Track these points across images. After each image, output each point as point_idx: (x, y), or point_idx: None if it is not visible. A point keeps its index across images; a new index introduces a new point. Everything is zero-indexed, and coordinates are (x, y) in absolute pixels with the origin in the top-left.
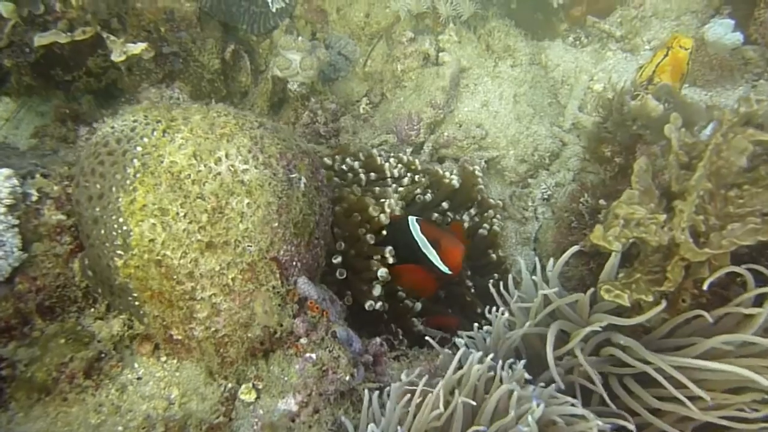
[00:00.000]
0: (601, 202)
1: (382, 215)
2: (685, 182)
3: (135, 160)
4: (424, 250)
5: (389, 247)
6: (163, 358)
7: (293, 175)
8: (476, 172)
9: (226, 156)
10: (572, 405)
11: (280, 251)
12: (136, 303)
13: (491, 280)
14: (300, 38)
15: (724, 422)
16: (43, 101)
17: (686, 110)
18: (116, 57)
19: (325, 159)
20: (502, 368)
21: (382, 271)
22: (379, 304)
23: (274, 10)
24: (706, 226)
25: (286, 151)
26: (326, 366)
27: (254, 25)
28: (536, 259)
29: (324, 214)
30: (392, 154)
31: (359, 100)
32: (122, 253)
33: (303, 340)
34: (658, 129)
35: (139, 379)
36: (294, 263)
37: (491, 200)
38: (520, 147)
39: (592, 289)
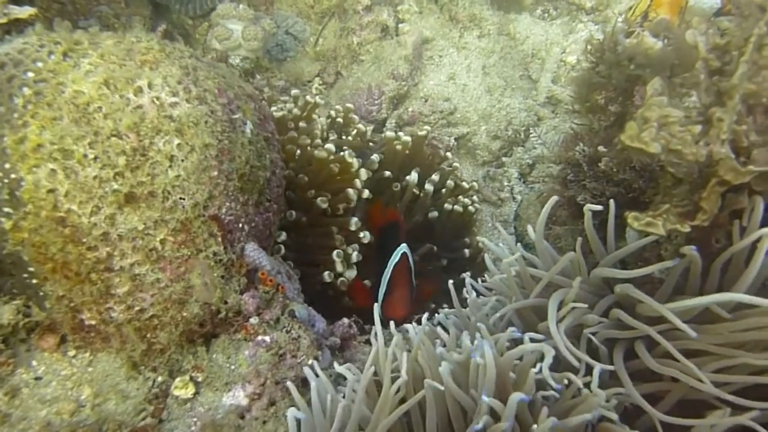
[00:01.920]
0: (601, 148)
1: (356, 179)
2: (717, 91)
3: (25, 88)
4: (381, 281)
5: (354, 218)
6: (72, 352)
7: (236, 116)
8: (428, 135)
9: (149, 86)
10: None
11: (221, 209)
12: (34, 280)
13: (465, 273)
14: (241, 6)
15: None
16: None
17: (682, 46)
18: None
19: None
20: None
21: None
22: (341, 280)
23: None
24: (747, 141)
25: (227, 88)
26: (283, 349)
27: (189, 6)
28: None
29: (276, 173)
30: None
31: (311, 81)
32: (10, 210)
33: (253, 320)
34: (658, 67)
35: (37, 379)
36: (240, 225)
37: (464, 183)
38: (493, 122)
39: (579, 239)
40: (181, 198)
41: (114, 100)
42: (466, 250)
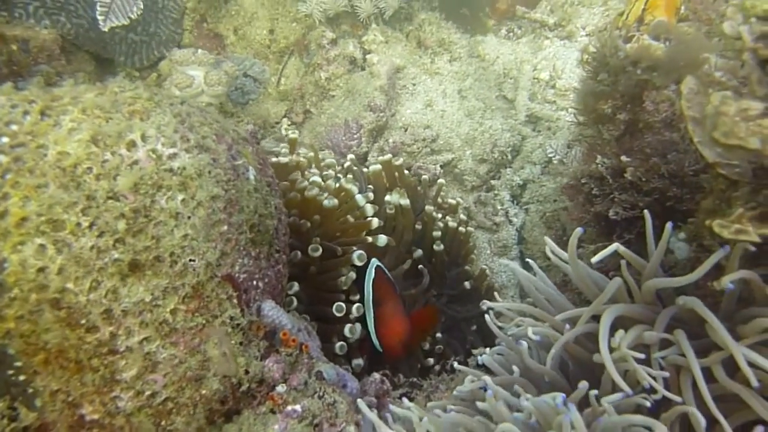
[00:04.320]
0: (624, 158)
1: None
2: None
3: (0, 156)
4: (365, 308)
5: (357, 252)
6: None
7: (238, 162)
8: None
9: (143, 138)
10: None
11: (234, 266)
12: (21, 377)
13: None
14: (200, 51)
15: None
16: None
17: (691, 45)
18: None
19: None
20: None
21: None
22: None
23: (106, 30)
24: None
25: (224, 133)
26: (318, 417)
27: (135, 57)
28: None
29: (282, 220)
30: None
31: (279, 122)
32: None
33: (280, 388)
34: (668, 69)
35: None
36: (254, 283)
37: (450, 199)
38: (477, 145)
39: (623, 261)
40: (191, 260)
41: (105, 158)
42: (467, 283)
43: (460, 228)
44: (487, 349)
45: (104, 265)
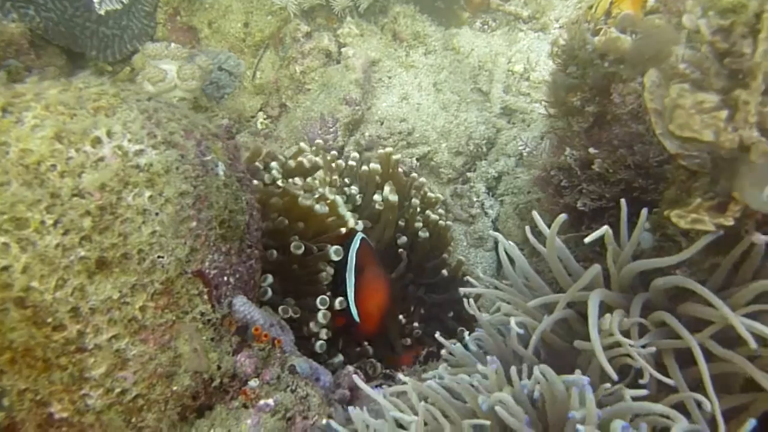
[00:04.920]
0: (591, 150)
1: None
2: (729, 74)
3: None
4: (346, 276)
5: (334, 247)
6: None
7: (207, 158)
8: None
9: (109, 135)
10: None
11: (205, 262)
12: None
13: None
14: (173, 45)
15: None
16: None
17: (658, 36)
18: None
19: None
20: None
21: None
22: (324, 330)
23: (102, 12)
24: None
25: (192, 129)
26: (291, 411)
27: (107, 51)
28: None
29: (254, 215)
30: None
31: (254, 116)
32: None
33: (253, 383)
34: (634, 61)
35: None
36: (225, 278)
37: (430, 194)
38: (453, 138)
39: (611, 248)
40: (159, 257)
41: (69, 155)
42: (444, 271)
43: (440, 222)
44: (466, 333)
45: (70, 263)
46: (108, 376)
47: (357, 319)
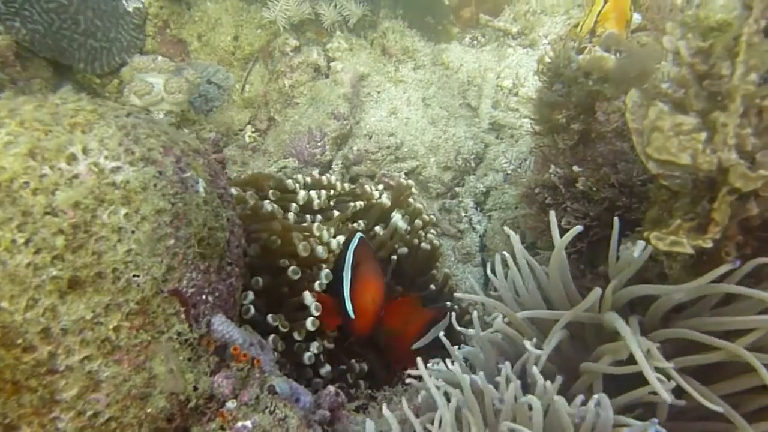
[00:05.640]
0: (576, 168)
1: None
2: (708, 95)
3: None
4: (343, 274)
5: (324, 272)
6: None
7: (186, 175)
8: (405, 182)
9: (84, 151)
10: None
11: (182, 281)
12: None
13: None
14: (160, 57)
15: None
16: None
17: (641, 56)
18: None
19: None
20: None
21: (310, 299)
22: (315, 345)
23: (130, 9)
24: (750, 145)
25: (172, 145)
26: None
27: (95, 64)
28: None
29: (235, 232)
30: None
31: (242, 129)
32: None
33: (230, 404)
34: (618, 80)
35: None
36: (204, 297)
37: (425, 215)
38: (441, 153)
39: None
40: (134, 275)
41: (43, 172)
42: (432, 286)
43: (435, 241)
44: (456, 347)
45: (41, 283)
46: (80, 398)
47: (352, 314)
